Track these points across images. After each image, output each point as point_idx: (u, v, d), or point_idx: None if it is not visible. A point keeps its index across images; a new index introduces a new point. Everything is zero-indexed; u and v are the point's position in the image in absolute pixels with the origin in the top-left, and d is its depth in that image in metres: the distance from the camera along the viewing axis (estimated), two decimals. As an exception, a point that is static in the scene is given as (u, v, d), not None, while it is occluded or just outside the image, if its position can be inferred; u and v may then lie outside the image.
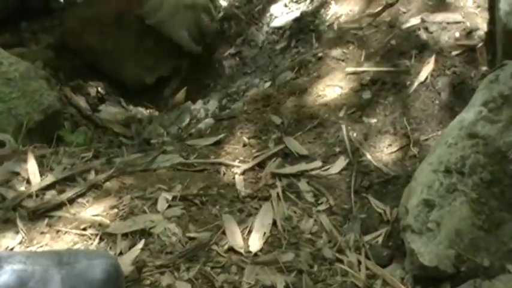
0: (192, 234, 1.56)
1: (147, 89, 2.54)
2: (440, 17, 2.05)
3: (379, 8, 2.16)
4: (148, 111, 2.53)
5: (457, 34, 1.99)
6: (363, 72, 2.01)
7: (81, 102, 2.42)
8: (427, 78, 1.92)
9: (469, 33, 1.98)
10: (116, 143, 2.26)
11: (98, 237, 1.55)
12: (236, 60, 2.61)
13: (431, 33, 2.02)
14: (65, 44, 2.62)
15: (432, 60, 1.95)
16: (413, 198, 1.50)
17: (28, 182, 1.71)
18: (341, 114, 1.93)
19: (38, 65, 2.43)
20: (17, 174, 1.74)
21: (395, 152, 1.81)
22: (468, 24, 2.00)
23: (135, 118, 2.42)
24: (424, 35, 2.02)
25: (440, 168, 1.51)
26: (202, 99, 2.50)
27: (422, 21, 2.05)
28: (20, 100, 2.07)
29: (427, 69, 1.93)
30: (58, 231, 1.57)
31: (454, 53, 1.95)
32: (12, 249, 1.53)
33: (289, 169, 1.81)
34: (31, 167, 1.75)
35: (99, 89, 2.53)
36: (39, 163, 1.78)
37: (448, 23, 2.02)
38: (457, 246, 1.42)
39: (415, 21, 2.07)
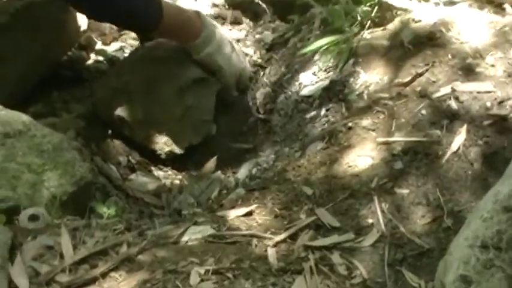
0: (225, 310, 1.55)
1: (177, 158, 2.55)
2: (470, 86, 2.05)
3: (409, 78, 2.16)
4: (178, 178, 2.54)
5: (488, 103, 1.99)
6: (394, 142, 2.01)
7: (112, 171, 2.43)
8: (459, 148, 1.91)
9: (501, 102, 1.97)
10: (147, 213, 2.26)
11: (132, 312, 1.54)
12: (265, 128, 2.62)
13: (461, 102, 2.02)
14: (96, 113, 2.64)
15: (464, 130, 1.94)
16: (449, 274, 1.48)
17: (61, 256, 1.72)
18: (373, 185, 1.92)
19: (70, 135, 2.45)
20: (51, 248, 1.74)
21: (428, 223, 1.80)
22: (499, 93, 2.00)
23: (166, 187, 2.43)
24: (454, 105, 2.02)
25: (476, 243, 1.49)
26: (231, 168, 2.51)
27: (453, 90, 2.05)
28: (52, 172, 2.08)
29: (458, 139, 1.93)
30: (91, 306, 1.57)
31: (485, 122, 1.95)
32: (45, 325, 1.53)
33: (321, 241, 1.79)
34: (64, 240, 1.76)
35: (130, 158, 2.54)
36: (72, 236, 1.79)
37: (478, 93, 2.02)
38: (495, 323, 1.40)
39: (445, 90, 2.07)
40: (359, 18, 2.51)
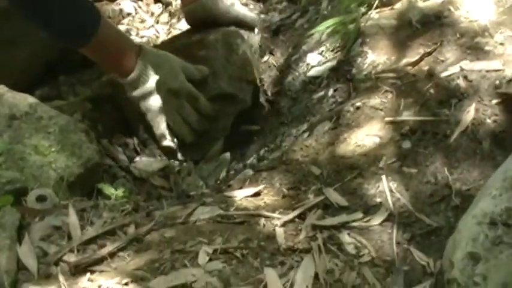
0: (233, 289, 1.55)
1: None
2: (479, 65, 2.03)
3: (417, 57, 2.15)
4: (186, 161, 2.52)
5: (497, 82, 1.97)
6: (402, 121, 1.99)
7: (119, 153, 2.43)
8: (467, 127, 1.90)
9: (509, 81, 1.95)
10: (155, 194, 2.26)
11: (140, 292, 1.54)
12: (273, 109, 2.61)
13: (470, 81, 2.00)
14: (103, 96, 2.63)
15: (472, 109, 1.93)
16: (458, 251, 1.47)
17: (69, 236, 1.72)
18: (381, 164, 1.91)
19: (77, 117, 2.45)
20: (58, 228, 1.74)
21: (437, 202, 1.79)
22: (508, 72, 1.98)
23: (173, 169, 2.42)
24: (463, 84, 2.01)
25: (485, 220, 1.48)
26: (239, 150, 2.50)
27: (461, 69, 2.04)
28: (59, 153, 2.08)
29: (467, 118, 1.92)
30: (100, 286, 1.57)
31: (494, 101, 1.93)
32: (54, 305, 1.53)
33: (329, 221, 1.79)
34: (72, 221, 1.76)
35: (136, 139, 2.53)
36: (79, 217, 1.79)
37: (487, 71, 2.00)
38: (504, 301, 1.39)
39: (453, 69, 2.05)
40: (366, -2, 2.50)
